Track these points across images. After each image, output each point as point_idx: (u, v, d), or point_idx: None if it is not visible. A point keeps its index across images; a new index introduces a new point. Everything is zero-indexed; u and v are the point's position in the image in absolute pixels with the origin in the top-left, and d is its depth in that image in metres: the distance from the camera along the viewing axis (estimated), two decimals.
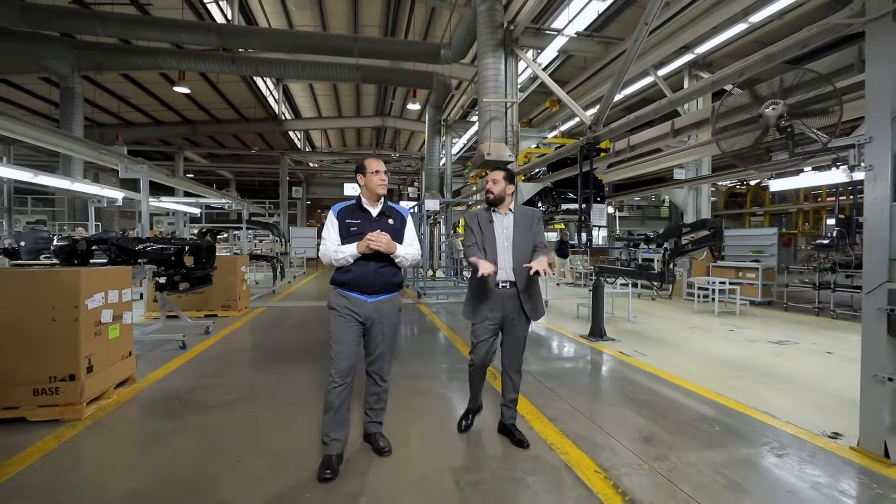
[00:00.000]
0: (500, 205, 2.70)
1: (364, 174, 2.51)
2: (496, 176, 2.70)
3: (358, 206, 2.51)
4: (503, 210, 2.71)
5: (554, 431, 2.85)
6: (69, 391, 2.90)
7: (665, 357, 4.77)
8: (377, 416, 2.58)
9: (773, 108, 2.86)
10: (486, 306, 2.63)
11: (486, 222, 2.68)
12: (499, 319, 2.64)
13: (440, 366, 4.44)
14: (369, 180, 2.48)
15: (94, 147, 8.75)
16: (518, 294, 2.61)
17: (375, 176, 2.47)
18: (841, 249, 6.70)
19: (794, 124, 2.82)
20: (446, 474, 2.33)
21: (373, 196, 2.50)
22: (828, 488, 2.21)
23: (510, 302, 2.62)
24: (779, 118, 2.85)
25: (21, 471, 2.28)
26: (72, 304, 2.91)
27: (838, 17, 2.69)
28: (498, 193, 2.67)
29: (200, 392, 3.55)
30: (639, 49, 4.86)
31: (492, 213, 2.71)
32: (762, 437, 2.79)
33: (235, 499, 2.07)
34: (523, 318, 2.65)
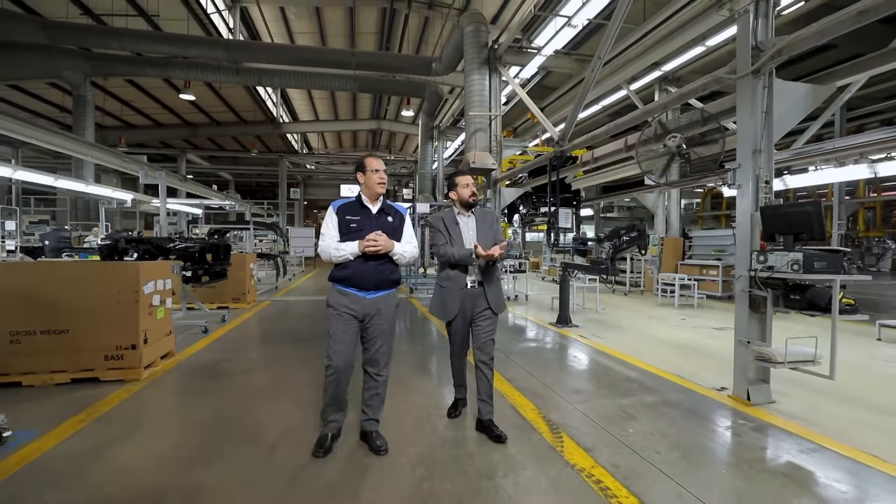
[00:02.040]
0: (470, 208, 2.86)
1: (364, 172, 2.54)
2: (468, 180, 2.85)
3: (358, 203, 2.54)
4: (467, 213, 2.86)
5: (509, 388, 3.68)
6: (131, 357, 3.71)
7: (617, 339, 5.63)
8: (374, 413, 2.57)
9: (672, 139, 3.72)
10: (457, 305, 2.75)
11: (452, 224, 2.82)
12: (468, 316, 2.77)
13: (429, 345, 5.29)
14: (369, 178, 2.52)
15: (118, 156, 9.51)
16: (484, 291, 2.76)
17: (375, 174, 2.51)
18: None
19: (690, 152, 3.68)
20: (426, 410, 3.17)
21: (372, 194, 2.54)
22: (698, 417, 3.07)
23: (477, 298, 2.75)
24: (678, 147, 3.71)
25: (110, 409, 3.10)
26: (133, 289, 3.73)
27: (721, 72, 3.56)
28: (472, 194, 2.84)
29: (227, 364, 4.37)
30: (595, 77, 5.71)
31: (456, 214, 2.85)
32: (666, 390, 3.65)
33: (271, 421, 2.91)
34: (491, 313, 2.77)
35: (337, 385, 2.46)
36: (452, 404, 3.11)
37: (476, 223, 2.85)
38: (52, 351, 3.56)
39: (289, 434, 2.73)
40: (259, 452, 2.49)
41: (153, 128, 21.17)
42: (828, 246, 2.95)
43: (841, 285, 2.88)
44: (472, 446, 2.62)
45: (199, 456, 2.46)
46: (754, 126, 3.32)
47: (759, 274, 3.09)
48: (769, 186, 3.33)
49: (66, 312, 3.59)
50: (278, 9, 12.73)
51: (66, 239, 9.01)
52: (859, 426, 2.93)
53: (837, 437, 2.73)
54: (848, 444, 2.64)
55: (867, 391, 3.65)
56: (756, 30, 3.32)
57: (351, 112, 22.00)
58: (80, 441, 2.61)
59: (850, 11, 2.66)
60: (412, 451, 2.52)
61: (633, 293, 10.68)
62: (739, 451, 2.59)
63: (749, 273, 3.25)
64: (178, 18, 11.86)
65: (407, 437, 2.71)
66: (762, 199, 3.30)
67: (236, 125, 21.45)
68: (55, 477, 2.22)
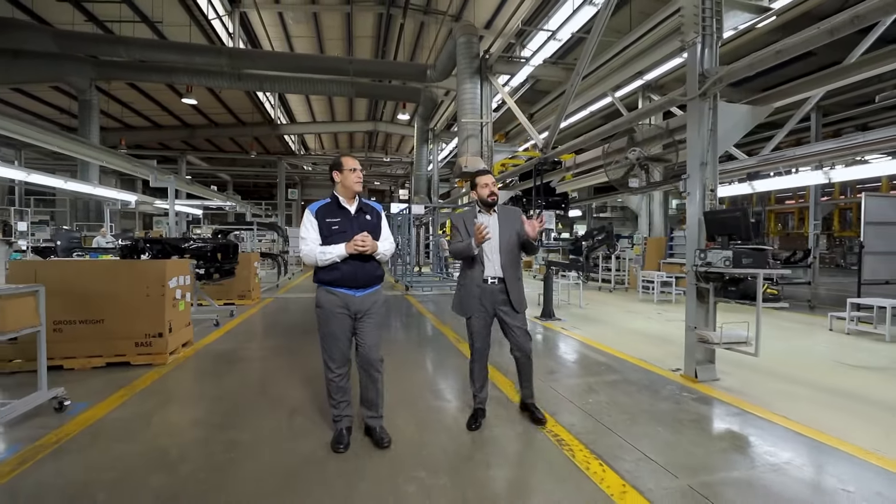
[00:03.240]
0: (491, 207, 2.87)
1: (341, 171, 2.52)
2: (489, 180, 2.85)
3: (336, 204, 2.54)
4: (489, 212, 2.87)
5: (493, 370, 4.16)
6: (158, 344, 4.21)
7: (595, 331, 6.17)
8: (376, 411, 2.63)
9: (632, 153, 4.25)
10: (475, 301, 2.78)
11: (472, 223, 2.78)
12: (489, 313, 2.80)
13: (424, 336, 5.81)
14: (346, 177, 2.51)
15: (129, 160, 9.93)
16: (506, 289, 2.78)
17: (353, 174, 2.51)
18: None
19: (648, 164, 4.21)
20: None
21: (349, 193, 2.54)
22: (650, 391, 3.60)
23: (498, 296, 2.78)
24: (637, 159, 4.24)
25: (146, 387, 3.60)
26: (160, 284, 4.22)
27: (675, 94, 4.09)
28: (492, 194, 2.85)
29: (240, 351, 4.87)
30: (575, 91, 6.23)
31: (477, 213, 2.87)
32: (629, 371, 4.19)
33: (286, 394, 3.42)
34: (512, 310, 2.80)
35: (338, 384, 2.55)
36: (472, 415, 2.91)
37: (499, 222, 2.85)
38: (90, 338, 4.05)
39: (302, 405, 3.24)
40: (278, 419, 3.00)
41: (152, 129, 21.47)
42: (757, 245, 3.47)
43: (766, 277, 3.41)
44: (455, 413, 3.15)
45: (229, 421, 2.97)
46: (701, 142, 3.86)
47: (700, 269, 3.63)
48: (714, 194, 3.87)
49: (102, 304, 4.08)
50: (276, 14, 13.17)
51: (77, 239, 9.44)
52: (781, 396, 3.48)
53: (760, 404, 3.28)
54: (767, 409, 3.18)
55: (798, 370, 4.20)
56: (703, 59, 3.86)
57: (348, 114, 22.42)
58: (126, 409, 3.12)
59: (770, 50, 3.20)
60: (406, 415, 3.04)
61: (618, 290, 11.24)
62: (676, 414, 3.12)
63: (693, 268, 3.79)
64: (181, 24, 12.29)
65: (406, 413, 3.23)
66: (707, 205, 3.85)
67: (234, 126, 21.80)
68: (114, 433, 2.72)
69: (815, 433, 2.79)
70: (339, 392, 2.56)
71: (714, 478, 2.27)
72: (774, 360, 4.53)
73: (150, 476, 2.25)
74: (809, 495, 2.13)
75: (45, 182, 9.60)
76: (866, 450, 2.56)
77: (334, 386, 2.55)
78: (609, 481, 2.22)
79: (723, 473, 2.31)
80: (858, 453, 2.53)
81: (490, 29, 12.55)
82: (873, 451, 2.55)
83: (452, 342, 5.37)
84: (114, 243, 10.60)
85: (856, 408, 3.28)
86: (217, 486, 2.17)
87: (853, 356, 4.79)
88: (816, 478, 2.29)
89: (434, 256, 14.24)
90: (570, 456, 2.49)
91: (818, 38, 2.93)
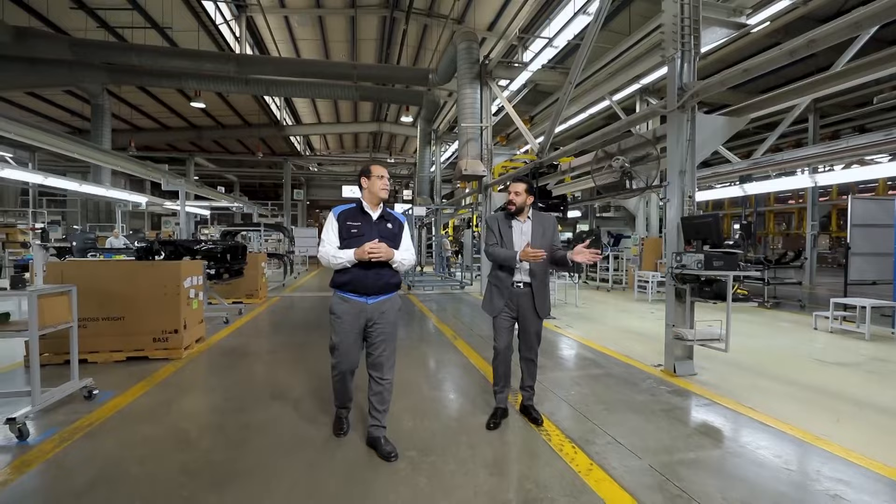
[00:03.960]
0: (521, 213, 2.96)
1: (369, 178, 2.57)
2: (518, 188, 2.91)
3: (359, 209, 2.59)
4: (522, 218, 2.96)
5: (484, 364, 4.48)
6: (174, 340, 4.53)
7: (587, 328, 6.44)
8: (381, 419, 2.59)
9: (616, 161, 4.51)
10: (502, 302, 2.91)
11: (506, 227, 2.95)
12: (514, 313, 2.92)
13: (426, 333, 6.11)
14: (373, 184, 2.56)
15: (143, 165, 10.32)
16: (532, 293, 2.88)
17: (380, 181, 2.57)
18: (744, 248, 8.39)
19: (632, 171, 4.46)
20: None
21: (374, 200, 2.59)
22: (630, 384, 3.87)
23: (524, 300, 2.88)
24: (621, 167, 4.50)
25: (165, 378, 3.93)
26: (176, 283, 4.54)
27: (656, 106, 4.35)
28: (520, 204, 2.91)
29: (250, 347, 5.19)
30: (568, 98, 6.51)
31: (511, 220, 2.97)
32: (612, 366, 4.46)
33: (293, 385, 3.72)
34: (534, 315, 2.91)
35: (343, 383, 2.67)
36: (492, 413, 3.04)
37: (532, 228, 2.94)
38: (111, 334, 4.38)
39: (309, 394, 3.55)
40: (287, 405, 3.31)
41: (160, 131, 21.85)
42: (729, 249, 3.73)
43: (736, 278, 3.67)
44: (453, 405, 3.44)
45: (243, 406, 3.28)
46: (680, 151, 4.12)
47: (676, 271, 3.89)
48: (692, 200, 4.13)
49: (122, 302, 4.41)
50: (282, 18, 13.50)
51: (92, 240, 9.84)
52: (753, 390, 3.73)
53: (731, 397, 3.54)
54: (736, 401, 3.44)
55: (775, 367, 4.44)
56: (681, 73, 4.12)
57: (352, 115, 22.75)
58: (149, 398, 3.44)
59: (738, 69, 3.46)
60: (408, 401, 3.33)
61: (616, 289, 11.49)
62: (650, 405, 3.39)
63: (670, 270, 4.05)
64: (189, 30, 12.67)
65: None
66: (686, 210, 4.10)
67: (241, 128, 22.16)
68: (140, 417, 3.04)
69: (774, 422, 3.05)
70: (343, 394, 2.72)
71: (673, 458, 2.54)
72: (755, 356, 4.79)
73: (175, 452, 2.56)
74: (754, 471, 2.40)
75: (62, 185, 10.01)
76: (815, 435, 2.83)
77: (339, 384, 2.69)
78: (578, 461, 2.51)
79: (682, 455, 2.58)
80: (808, 438, 2.79)
81: (493, 31, 12.80)
82: (822, 436, 2.81)
83: (450, 339, 5.65)
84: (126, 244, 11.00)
85: (817, 400, 3.54)
86: (233, 458, 2.47)
87: (830, 354, 5.03)
88: (765, 459, 2.56)
89: (436, 256, 14.53)
90: (546, 439, 2.77)
91: (780, 58, 3.18)
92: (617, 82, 10.53)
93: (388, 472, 2.36)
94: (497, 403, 3.07)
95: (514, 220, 2.96)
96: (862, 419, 3.14)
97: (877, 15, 2.68)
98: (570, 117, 12.66)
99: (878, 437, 2.84)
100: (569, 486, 2.25)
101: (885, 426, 3.02)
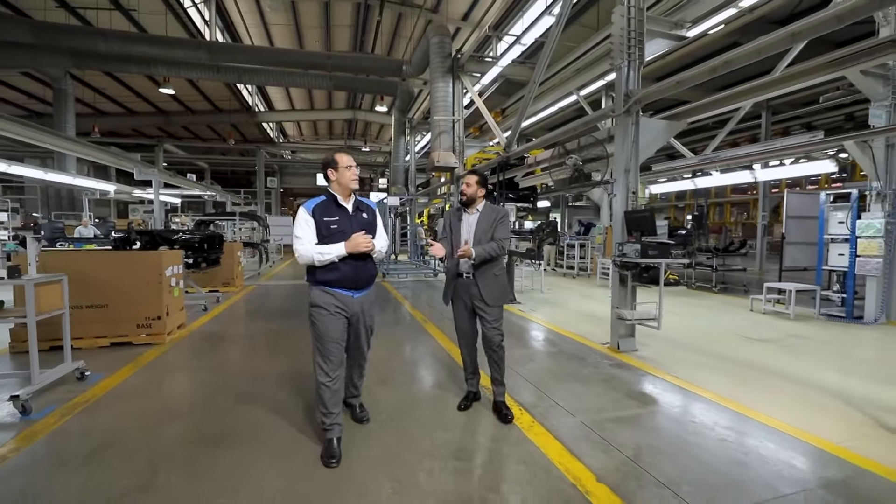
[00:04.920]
0: (470, 205, 3.00)
1: (336, 169, 2.48)
2: (469, 180, 2.98)
3: (333, 202, 2.51)
4: (472, 210, 3.00)
5: (451, 346, 4.91)
6: (157, 326, 4.77)
7: (549, 312, 6.96)
8: (357, 391, 2.87)
9: (570, 158, 4.96)
10: (455, 293, 3.03)
11: (456, 220, 3.04)
12: (468, 305, 2.99)
13: (399, 318, 6.49)
14: (342, 175, 2.48)
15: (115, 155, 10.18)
16: (476, 283, 2.92)
17: (348, 171, 2.49)
18: (696, 237, 9.09)
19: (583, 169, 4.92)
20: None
21: (345, 191, 2.51)
22: (578, 359, 4.37)
23: (472, 290, 2.94)
24: (574, 164, 4.95)
25: (150, 361, 4.19)
26: (157, 273, 4.76)
27: (605, 110, 4.80)
28: (470, 195, 2.96)
29: (229, 332, 5.47)
30: (533, 96, 6.91)
31: (462, 212, 3.04)
32: (566, 344, 4.97)
33: (271, 367, 4.06)
34: (484, 304, 2.92)
35: (335, 384, 2.45)
36: (464, 396, 3.19)
37: (478, 221, 2.96)
38: (96, 321, 4.59)
39: (287, 373, 3.89)
40: (268, 382, 3.65)
41: (126, 115, 21.14)
42: (664, 239, 4.24)
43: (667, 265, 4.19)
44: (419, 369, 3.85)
45: (227, 383, 3.61)
46: (626, 151, 4.59)
47: (618, 259, 4.39)
48: (635, 196, 4.62)
49: (106, 291, 4.61)
50: (254, 2, 13.30)
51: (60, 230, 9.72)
52: (681, 363, 4.29)
53: (662, 368, 4.08)
54: (665, 371, 3.98)
55: (706, 343, 5.03)
56: (628, 80, 4.57)
57: (327, 102, 22.58)
58: (138, 378, 3.71)
59: (672, 81, 3.92)
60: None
61: (581, 276, 12.14)
62: (592, 376, 3.90)
63: (614, 258, 4.56)
64: (156, 12, 12.37)
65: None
66: (629, 205, 4.60)
67: (211, 113, 21.65)
68: (133, 394, 3.34)
69: (692, 387, 3.60)
70: (333, 398, 2.45)
71: (602, 416, 3.03)
72: (692, 335, 5.39)
73: (169, 423, 2.88)
74: (665, 424, 2.91)
75: (26, 173, 9.80)
76: (723, 396, 3.38)
77: (328, 392, 2.42)
78: (523, 420, 2.96)
79: (609, 414, 3.08)
80: (715, 398, 3.34)
81: (467, 21, 13.03)
82: (728, 397, 3.37)
83: (420, 323, 6.06)
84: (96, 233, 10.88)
85: (733, 370, 4.12)
86: (222, 426, 2.82)
87: (757, 332, 5.68)
88: (676, 415, 3.08)
89: (411, 245, 14.87)
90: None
91: (704, 74, 3.65)
92: (585, 78, 10.98)
93: (363, 432, 2.76)
94: (469, 387, 3.20)
95: (464, 212, 3.03)
96: (764, 384, 3.72)
97: (774, 44, 3.16)
98: (541, 110, 13.09)
99: (773, 397, 3.42)
100: (514, 438, 2.71)
101: (780, 388, 3.61)
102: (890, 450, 2.59)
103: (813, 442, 2.68)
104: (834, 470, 2.38)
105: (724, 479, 2.28)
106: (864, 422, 3.00)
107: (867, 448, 2.60)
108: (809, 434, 2.77)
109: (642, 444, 2.64)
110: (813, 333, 5.59)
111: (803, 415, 3.07)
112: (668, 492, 2.16)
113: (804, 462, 2.46)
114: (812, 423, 2.94)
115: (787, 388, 3.62)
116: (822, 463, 2.46)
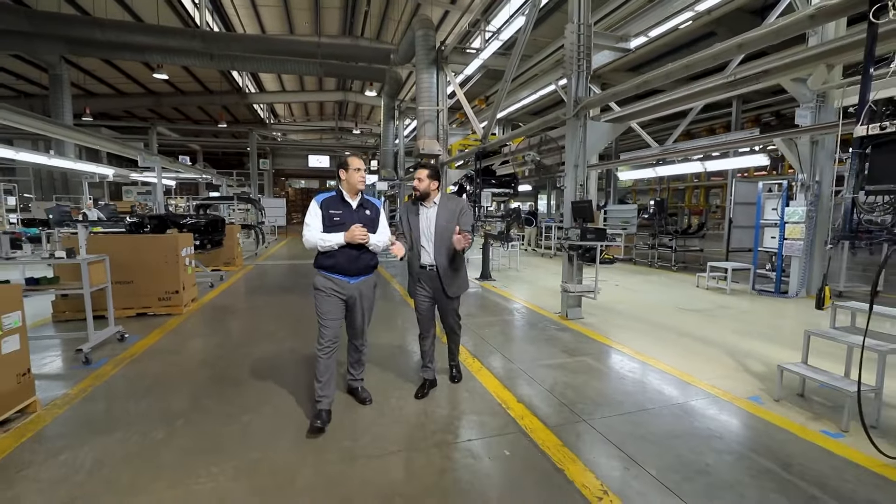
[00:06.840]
0: (426, 199, 3.04)
1: (347, 170, 2.76)
2: (421, 174, 3.00)
3: (340, 198, 2.78)
4: (429, 203, 3.04)
5: None
6: (176, 299, 5.58)
7: (518, 287, 7.85)
8: (358, 374, 3.11)
9: (528, 154, 5.73)
10: (418, 284, 3.12)
11: (413, 214, 3.06)
12: (430, 294, 3.11)
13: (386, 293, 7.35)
14: (350, 176, 2.75)
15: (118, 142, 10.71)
16: (439, 275, 3.03)
17: (357, 173, 2.75)
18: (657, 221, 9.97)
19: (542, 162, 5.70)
20: None
21: (352, 189, 2.79)
22: (531, 325, 5.26)
23: (434, 281, 3.06)
24: (532, 160, 5.73)
25: (174, 327, 5.02)
26: (175, 253, 5.54)
27: (559, 112, 5.57)
28: (423, 189, 3.00)
29: (237, 305, 6.30)
30: (506, 91, 7.61)
31: (418, 205, 3.07)
32: (525, 314, 5.86)
33: (278, 329, 4.90)
34: (444, 296, 3.08)
35: (328, 357, 2.75)
36: (420, 385, 3.29)
37: (437, 215, 3.01)
38: (123, 295, 5.37)
39: (292, 335, 4.75)
40: (276, 342, 4.50)
41: (116, 97, 21.28)
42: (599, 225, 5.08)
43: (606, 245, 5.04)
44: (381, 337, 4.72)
45: (242, 343, 4.46)
46: (575, 150, 5.39)
47: (565, 241, 5.24)
48: (583, 188, 5.44)
49: (131, 269, 5.38)
50: None
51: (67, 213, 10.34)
52: (620, 329, 5.18)
53: (601, 333, 4.98)
54: (602, 335, 4.89)
55: (647, 314, 5.92)
56: (577, 88, 5.33)
57: (317, 84, 22.83)
58: (167, 340, 4.55)
59: (632, 84, 4.70)
60: None
61: (557, 256, 13.06)
62: (538, 336, 4.79)
63: (562, 241, 5.41)
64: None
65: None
66: (577, 195, 5.42)
67: (202, 95, 21.86)
68: (167, 351, 4.18)
69: (617, 345, 4.51)
70: (326, 371, 2.75)
71: (536, 364, 3.93)
72: (636, 307, 6.29)
73: (201, 369, 3.73)
74: (586, 367, 3.81)
75: (29, 159, 10.32)
76: (638, 351, 4.29)
77: (321, 363, 2.75)
78: (474, 366, 3.85)
79: (543, 362, 3.98)
80: (631, 352, 4.26)
81: (456, 4, 13.46)
82: (652, 356, 4.24)
83: (403, 295, 6.92)
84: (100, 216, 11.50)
85: (656, 332, 5.03)
86: (243, 371, 3.67)
87: (693, 304, 6.60)
88: (597, 365, 3.98)
89: None
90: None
91: (659, 78, 4.42)
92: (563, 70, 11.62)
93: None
94: (424, 376, 3.32)
95: (421, 206, 3.06)
96: (675, 342, 4.64)
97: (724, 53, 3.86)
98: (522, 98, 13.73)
99: (678, 351, 4.33)
100: (464, 377, 3.59)
101: (686, 346, 4.53)
102: (741, 384, 3.51)
103: (687, 379, 3.60)
104: (691, 395, 3.30)
105: (609, 399, 3.20)
106: (736, 367, 3.93)
107: (726, 384, 3.52)
108: (689, 375, 3.69)
109: (559, 381, 3.54)
110: (739, 305, 6.53)
111: (692, 363, 3.99)
112: (566, 408, 3.06)
113: (674, 391, 3.37)
114: (697, 368, 3.86)
115: (692, 346, 4.54)
116: (686, 392, 3.37)
